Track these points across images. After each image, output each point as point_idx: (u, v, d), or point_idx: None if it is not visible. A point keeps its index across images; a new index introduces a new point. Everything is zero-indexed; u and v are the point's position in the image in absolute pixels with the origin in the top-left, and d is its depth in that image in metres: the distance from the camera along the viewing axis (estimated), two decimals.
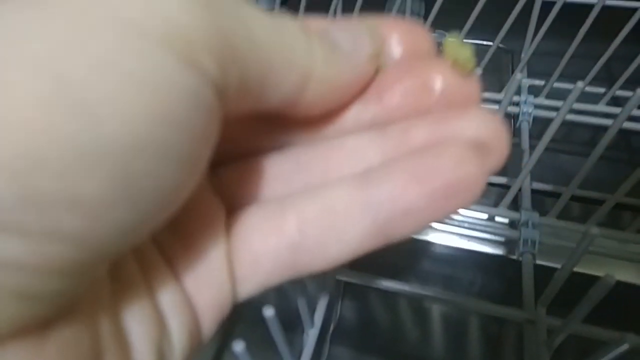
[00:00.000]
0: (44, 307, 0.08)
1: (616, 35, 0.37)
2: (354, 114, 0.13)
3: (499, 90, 0.42)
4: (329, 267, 0.12)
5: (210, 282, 0.12)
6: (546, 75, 0.40)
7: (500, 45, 0.42)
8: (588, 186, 0.36)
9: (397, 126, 0.13)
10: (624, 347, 0.17)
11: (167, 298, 0.11)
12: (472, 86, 0.13)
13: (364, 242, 0.12)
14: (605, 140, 0.28)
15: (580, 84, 0.26)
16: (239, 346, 0.17)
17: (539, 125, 0.39)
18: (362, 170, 0.13)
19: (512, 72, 0.48)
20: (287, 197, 0.13)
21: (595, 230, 0.20)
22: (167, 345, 0.11)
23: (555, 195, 0.32)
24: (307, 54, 0.12)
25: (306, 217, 0.12)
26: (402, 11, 0.45)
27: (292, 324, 0.24)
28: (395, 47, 0.13)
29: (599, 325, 0.23)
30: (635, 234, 0.29)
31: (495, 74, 0.54)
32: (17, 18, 0.08)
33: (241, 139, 0.14)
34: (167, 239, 0.12)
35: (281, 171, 0.13)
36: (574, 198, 0.34)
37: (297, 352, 0.23)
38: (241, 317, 0.30)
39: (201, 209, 0.12)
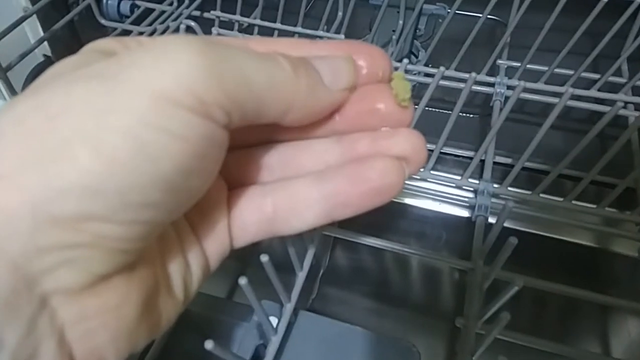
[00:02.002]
0: (131, 257, 0.14)
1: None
2: (322, 124, 0.18)
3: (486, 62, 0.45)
4: (293, 234, 0.18)
5: (216, 239, 0.18)
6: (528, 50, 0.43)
7: (492, 17, 0.45)
8: (554, 159, 0.41)
9: (349, 137, 0.18)
10: (516, 287, 0.23)
11: (191, 250, 0.17)
12: (407, 114, 0.18)
13: (316, 220, 0.18)
14: (550, 118, 0.32)
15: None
16: (242, 280, 0.24)
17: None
18: (322, 167, 0.18)
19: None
20: (268, 184, 0.18)
21: (510, 203, 0.26)
22: (189, 278, 0.17)
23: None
24: (293, 88, 0.15)
25: (278, 200, 0.18)
26: None
27: (288, 269, 0.31)
28: (361, 67, 0.17)
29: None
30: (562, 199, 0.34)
31: (488, 47, 0.58)
32: (94, 90, 0.13)
33: (238, 136, 0.17)
34: (191, 211, 0.16)
35: (267, 162, 0.19)
36: (534, 170, 0.40)
37: (290, 289, 0.30)
38: (249, 262, 0.37)
39: (212, 190, 0.18)
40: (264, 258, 0.25)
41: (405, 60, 0.35)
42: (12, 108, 0.13)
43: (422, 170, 0.37)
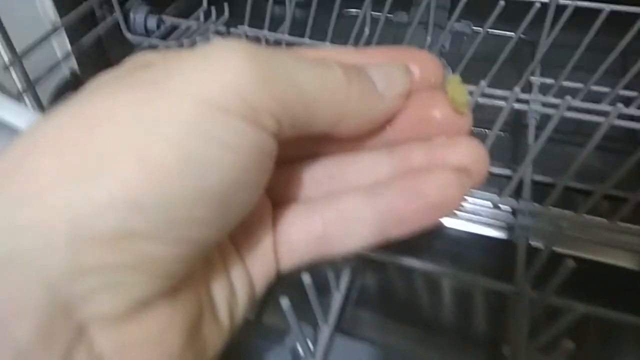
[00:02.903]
0: (175, 281, 0.13)
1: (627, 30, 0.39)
2: (371, 135, 0.17)
3: (517, 81, 0.44)
4: (344, 254, 0.17)
5: (261, 261, 0.17)
6: (562, 68, 0.42)
7: (522, 36, 0.45)
8: (589, 178, 0.40)
9: (402, 148, 0.17)
10: (580, 309, 0.22)
11: (235, 272, 0.16)
12: (464, 121, 0.17)
13: (369, 239, 0.16)
14: (596, 138, 0.31)
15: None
16: (284, 301, 0.23)
17: (547, 122, 0.43)
18: (373, 182, 0.17)
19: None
20: (316, 200, 0.17)
21: (564, 223, 0.25)
22: (235, 303, 0.16)
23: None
24: (345, 97, 0.14)
25: (328, 219, 0.16)
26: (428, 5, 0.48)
27: (324, 288, 0.30)
28: (412, 73, 0.16)
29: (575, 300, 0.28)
30: (610, 222, 0.33)
31: (516, 65, 0.57)
32: (138, 97, 0.12)
33: (283, 149, 0.16)
34: (235, 230, 0.15)
35: (313, 178, 0.18)
36: (570, 189, 0.38)
37: (327, 309, 0.29)
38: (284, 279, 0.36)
39: (257, 208, 0.17)
40: (306, 279, 0.24)
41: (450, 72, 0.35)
42: (50, 119, 0.12)
43: None
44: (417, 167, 0.16)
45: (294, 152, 0.18)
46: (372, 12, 0.48)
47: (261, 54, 0.13)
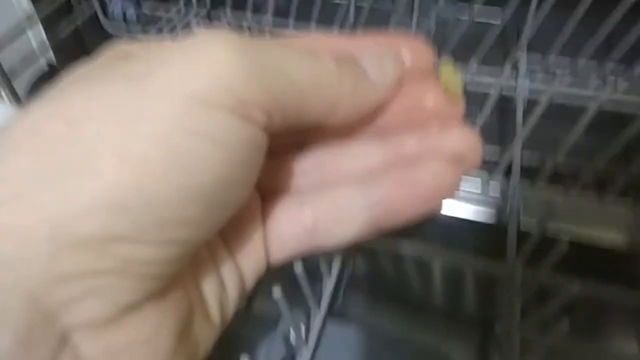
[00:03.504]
0: (163, 282, 0.13)
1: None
2: (363, 123, 0.16)
3: (502, 66, 0.44)
4: (336, 247, 0.16)
5: (251, 255, 0.16)
6: (548, 49, 0.42)
7: (508, 20, 0.45)
8: (577, 157, 0.40)
9: (395, 136, 0.16)
10: (572, 289, 0.22)
11: (225, 268, 0.15)
12: (457, 107, 0.16)
13: (361, 231, 0.16)
14: (585, 118, 0.32)
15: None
16: (277, 292, 0.22)
17: (534, 104, 0.43)
18: (366, 171, 0.16)
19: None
20: (307, 191, 0.17)
21: (556, 199, 0.25)
22: (225, 299, 0.16)
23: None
24: (337, 86, 0.14)
25: (319, 210, 0.16)
26: None
27: (315, 274, 0.30)
28: (404, 59, 0.16)
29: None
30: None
31: (501, 49, 0.57)
32: (120, 92, 0.11)
33: (274, 140, 0.15)
34: (224, 226, 0.14)
35: (304, 168, 0.17)
36: (560, 170, 0.38)
37: (318, 295, 0.28)
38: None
39: (246, 202, 0.16)
40: (298, 268, 0.23)
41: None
42: (27, 116, 0.12)
43: None
44: (410, 155, 0.16)
45: (283, 142, 0.17)
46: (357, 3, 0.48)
47: (249, 45, 0.13)
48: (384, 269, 0.37)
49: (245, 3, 0.48)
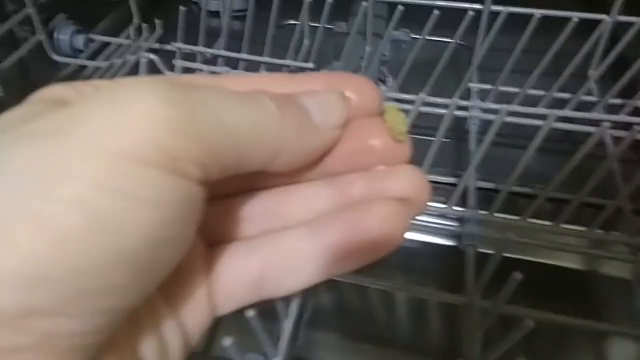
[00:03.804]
0: (92, 352, 0.12)
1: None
2: (310, 166, 0.16)
3: (456, 87, 0.45)
4: (285, 295, 0.16)
5: (195, 309, 0.15)
6: (500, 71, 0.43)
7: (460, 42, 0.46)
8: (532, 181, 0.40)
9: (342, 179, 0.16)
10: (529, 323, 0.22)
11: (166, 326, 0.15)
12: (404, 148, 0.16)
13: (311, 278, 0.15)
14: (535, 142, 0.32)
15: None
16: (227, 341, 0.21)
17: (488, 127, 0.43)
18: (314, 215, 0.16)
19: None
20: (253, 238, 0.16)
21: (510, 235, 0.25)
22: (167, 358, 0.15)
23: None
24: (279, 133, 0.14)
25: (266, 259, 0.15)
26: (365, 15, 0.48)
27: (274, 315, 0.29)
28: (349, 100, 0.16)
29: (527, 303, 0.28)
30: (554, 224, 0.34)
31: (454, 70, 0.58)
32: (37, 151, 0.11)
33: (214, 185, 0.15)
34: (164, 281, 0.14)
35: (250, 214, 0.16)
36: (515, 193, 0.39)
37: (276, 338, 0.27)
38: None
39: (187, 253, 0.15)
40: (250, 313, 0.22)
41: (383, 88, 0.34)
42: None
43: None
44: (357, 198, 0.16)
45: (226, 188, 0.17)
46: (311, 24, 0.48)
47: (180, 93, 0.12)
48: (346, 302, 0.36)
49: (197, 28, 0.47)
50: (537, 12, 0.40)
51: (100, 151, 0.11)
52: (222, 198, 0.17)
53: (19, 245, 0.10)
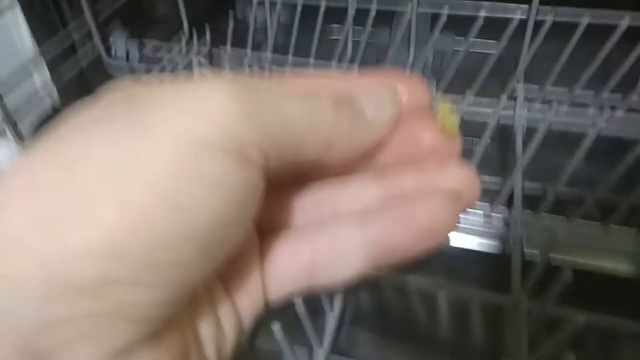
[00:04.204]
0: (158, 325, 0.12)
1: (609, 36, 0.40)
2: (361, 160, 0.16)
3: (500, 94, 0.44)
4: (335, 285, 0.16)
5: (249, 294, 0.16)
6: (544, 79, 0.43)
7: (504, 50, 0.45)
8: (578, 184, 0.39)
9: (392, 173, 0.16)
10: (580, 319, 0.21)
11: (223, 308, 0.15)
12: (454, 145, 0.16)
13: (359, 269, 0.16)
14: (585, 145, 0.32)
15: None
16: (276, 326, 0.22)
17: (534, 131, 0.43)
18: (363, 207, 0.16)
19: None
20: (305, 228, 0.17)
21: (559, 228, 0.24)
22: (222, 340, 0.15)
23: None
24: (334, 126, 0.14)
25: (317, 248, 0.16)
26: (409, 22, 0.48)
27: (318, 309, 0.29)
28: (401, 97, 0.16)
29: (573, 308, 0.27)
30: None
31: (498, 79, 0.58)
32: (117, 135, 0.12)
33: (273, 176, 0.15)
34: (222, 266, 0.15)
35: (302, 204, 0.17)
36: (562, 198, 0.38)
37: (321, 332, 0.28)
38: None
39: (244, 241, 0.16)
40: (299, 304, 0.23)
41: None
42: (25, 161, 0.12)
43: None
44: (407, 192, 0.16)
45: (281, 178, 0.17)
46: (354, 37, 0.49)
47: (246, 87, 0.13)
48: (388, 303, 0.36)
49: (245, 41, 0.49)
50: (584, 21, 0.40)
51: (177, 138, 0.11)
52: (277, 188, 0.17)
53: (102, 221, 0.11)
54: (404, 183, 0.16)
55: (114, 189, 0.11)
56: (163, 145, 0.11)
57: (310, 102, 0.14)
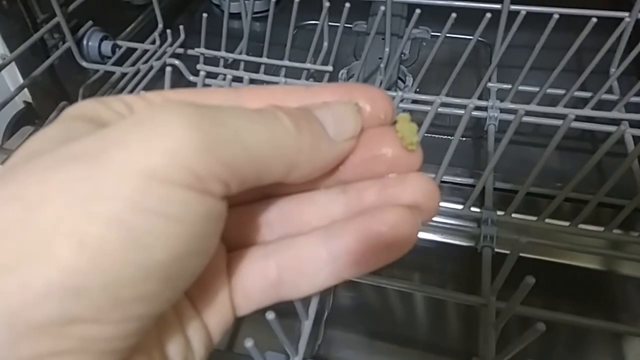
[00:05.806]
0: (125, 354, 0.13)
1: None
2: (324, 175, 0.17)
3: (476, 84, 0.45)
4: (302, 297, 0.17)
5: (217, 310, 0.16)
6: (519, 68, 0.42)
7: (479, 39, 0.45)
8: (550, 180, 0.40)
9: (355, 187, 0.17)
10: (541, 327, 0.22)
11: (191, 327, 0.16)
12: (415, 157, 0.17)
13: (325, 282, 0.16)
14: (554, 142, 0.32)
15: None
16: (249, 342, 0.22)
17: (507, 126, 0.43)
18: (329, 222, 0.16)
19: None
20: (271, 243, 0.17)
21: (524, 239, 0.25)
22: (191, 358, 0.16)
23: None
24: (296, 147, 0.14)
25: (283, 263, 0.16)
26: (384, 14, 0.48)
27: (290, 314, 0.30)
28: (363, 109, 0.16)
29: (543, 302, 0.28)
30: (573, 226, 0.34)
31: (475, 68, 0.58)
32: (74, 174, 0.12)
33: (237, 195, 0.16)
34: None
35: (268, 220, 0.17)
36: (534, 194, 0.39)
37: (296, 338, 0.29)
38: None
39: (211, 260, 0.16)
40: (270, 315, 0.23)
41: (400, 93, 0.35)
42: None
43: None
44: (370, 205, 0.16)
45: (246, 196, 0.18)
46: (330, 23, 0.48)
47: (204, 117, 0.13)
48: (365, 302, 0.37)
49: (219, 29, 0.48)
50: (556, 12, 0.40)
51: (134, 173, 0.12)
52: (241, 205, 0.18)
53: (61, 259, 0.11)
54: (366, 196, 0.16)
55: (72, 227, 0.11)
56: (122, 182, 0.12)
57: (270, 125, 0.14)
